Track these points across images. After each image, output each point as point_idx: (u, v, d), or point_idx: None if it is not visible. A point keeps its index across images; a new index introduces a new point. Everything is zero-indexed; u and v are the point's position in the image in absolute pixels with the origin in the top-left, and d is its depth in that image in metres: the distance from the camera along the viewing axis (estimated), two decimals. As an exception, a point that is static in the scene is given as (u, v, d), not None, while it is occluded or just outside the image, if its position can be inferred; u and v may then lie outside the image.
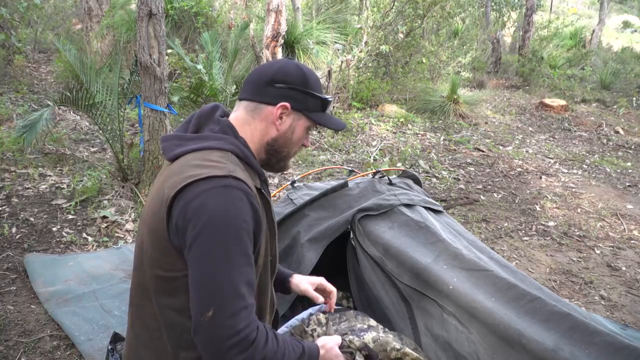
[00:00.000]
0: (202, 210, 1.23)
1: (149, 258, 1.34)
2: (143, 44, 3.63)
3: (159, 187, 1.36)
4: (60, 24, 9.42)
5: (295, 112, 1.47)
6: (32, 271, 2.99)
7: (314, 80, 1.51)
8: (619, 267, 3.77)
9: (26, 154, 4.60)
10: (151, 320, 1.38)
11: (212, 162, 1.32)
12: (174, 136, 1.44)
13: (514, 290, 1.85)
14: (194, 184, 1.26)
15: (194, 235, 1.23)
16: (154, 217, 1.32)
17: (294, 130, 1.49)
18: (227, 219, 1.24)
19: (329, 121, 1.53)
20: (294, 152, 1.54)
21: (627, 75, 12.67)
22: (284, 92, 1.45)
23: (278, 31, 6.74)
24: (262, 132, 1.47)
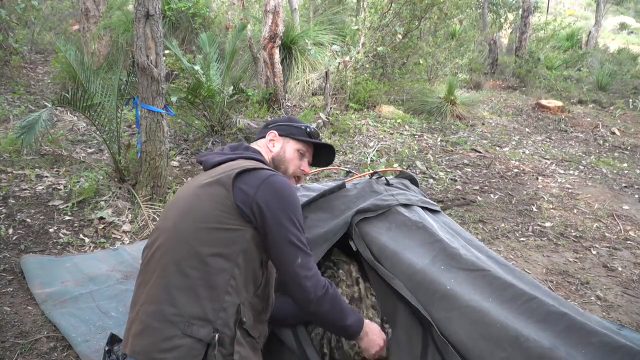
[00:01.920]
0: (278, 189, 1.66)
1: (206, 216, 1.64)
2: (140, 45, 3.62)
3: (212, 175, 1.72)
4: (57, 25, 9.41)
5: (282, 137, 1.98)
6: (28, 272, 2.98)
7: (297, 119, 2.07)
8: (615, 267, 3.78)
9: (23, 155, 4.59)
10: (194, 271, 1.60)
11: (264, 165, 1.78)
12: (212, 153, 1.88)
13: (511, 290, 1.85)
14: (260, 170, 1.70)
15: (274, 208, 1.64)
16: (215, 186, 1.67)
17: (285, 151, 1.96)
18: (296, 198, 1.72)
19: (314, 141, 2.01)
20: (292, 171, 1.96)
21: (623, 76, 12.71)
22: (273, 127, 2.01)
23: (275, 32, 6.75)
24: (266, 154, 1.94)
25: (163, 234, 1.71)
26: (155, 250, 1.70)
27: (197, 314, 1.57)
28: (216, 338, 1.56)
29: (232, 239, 1.64)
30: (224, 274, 1.61)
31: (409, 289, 1.92)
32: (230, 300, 1.61)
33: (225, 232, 1.63)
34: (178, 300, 1.58)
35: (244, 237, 1.65)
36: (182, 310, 1.57)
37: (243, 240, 1.64)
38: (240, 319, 1.63)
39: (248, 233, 1.65)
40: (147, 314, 1.60)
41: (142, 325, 1.60)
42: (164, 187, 4.04)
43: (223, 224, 1.63)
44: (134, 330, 1.63)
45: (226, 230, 1.63)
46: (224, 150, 1.89)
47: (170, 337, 1.56)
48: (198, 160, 1.91)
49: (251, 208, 1.63)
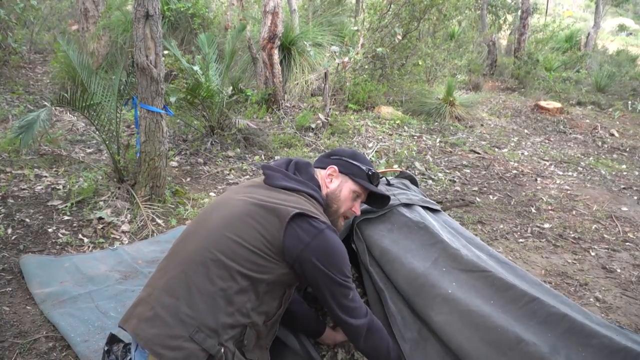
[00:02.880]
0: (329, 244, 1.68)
1: (250, 236, 1.65)
2: (140, 45, 3.62)
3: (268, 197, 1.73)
4: (56, 25, 9.40)
5: (342, 175, 1.96)
6: (27, 272, 2.98)
7: (361, 156, 2.03)
8: (613, 269, 3.78)
9: (22, 154, 4.59)
10: (221, 282, 1.60)
11: (319, 212, 1.78)
12: (278, 170, 1.87)
13: (512, 292, 1.85)
14: (317, 219, 1.70)
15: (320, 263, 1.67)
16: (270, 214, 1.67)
17: (341, 190, 1.94)
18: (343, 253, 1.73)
19: (373, 186, 1.99)
20: (343, 211, 1.94)
21: (622, 78, 12.73)
22: (335, 160, 1.99)
23: (275, 33, 6.76)
24: (322, 188, 1.93)
25: (204, 230, 1.72)
26: (191, 241, 1.71)
27: (209, 323, 1.57)
28: (222, 351, 1.58)
29: (265, 269, 1.66)
30: (244, 295, 1.63)
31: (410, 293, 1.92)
32: (241, 320, 1.63)
33: (261, 259, 1.65)
34: (196, 303, 1.58)
35: (276, 272, 1.68)
36: (197, 315, 1.57)
37: (274, 273, 1.67)
38: (242, 340, 1.65)
39: (281, 270, 1.69)
40: (162, 304, 1.60)
41: (153, 313, 1.60)
42: (163, 187, 4.04)
43: (263, 252, 1.65)
44: (143, 312, 1.62)
45: (264, 259, 1.66)
46: (289, 170, 1.88)
47: (177, 336, 1.55)
48: (262, 168, 1.90)
49: (297, 256, 1.66)
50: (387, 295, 1.94)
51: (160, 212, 3.90)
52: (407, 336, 1.79)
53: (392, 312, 1.88)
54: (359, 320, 1.74)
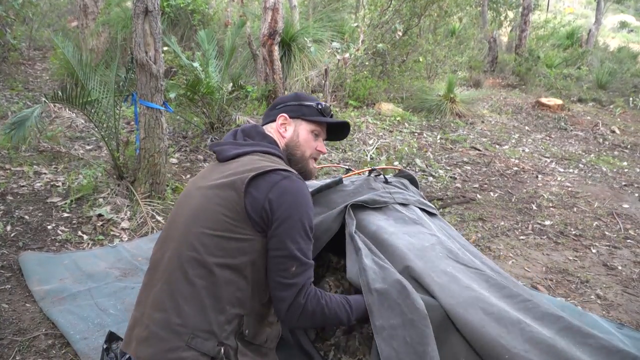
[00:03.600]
0: (288, 194, 1.57)
1: (214, 222, 1.56)
2: (139, 41, 3.61)
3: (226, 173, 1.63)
4: (55, 21, 9.37)
5: (293, 119, 1.86)
6: (27, 269, 2.97)
7: (305, 95, 1.91)
8: (615, 266, 3.77)
9: (21, 151, 4.57)
10: (200, 280, 1.54)
11: (280, 163, 1.69)
12: (226, 142, 1.78)
13: (506, 290, 1.83)
14: (275, 171, 1.59)
15: (284, 215, 1.54)
16: (226, 189, 1.58)
17: (298, 134, 1.84)
18: (307, 203, 1.61)
19: (327, 120, 1.87)
20: (309, 154, 1.86)
21: (623, 74, 12.70)
22: (282, 109, 1.87)
23: (275, 29, 6.73)
24: (279, 140, 1.83)
25: (172, 235, 1.65)
26: (164, 251, 1.64)
27: (201, 326, 1.52)
28: (222, 352, 1.53)
29: (240, 250, 1.57)
30: (230, 286, 1.56)
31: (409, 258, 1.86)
32: (234, 312, 1.57)
33: (233, 242, 1.56)
34: (183, 309, 1.53)
35: (254, 248, 1.58)
36: (187, 321, 1.52)
37: (252, 251, 1.57)
38: (241, 331, 1.59)
39: (258, 243, 1.58)
40: (154, 321, 1.56)
41: (147, 332, 1.57)
42: (162, 184, 4.02)
43: (232, 233, 1.56)
44: (139, 334, 1.59)
45: (235, 240, 1.56)
46: (238, 139, 1.79)
47: (174, 348, 1.51)
48: (211, 148, 1.80)
49: (261, 214, 1.55)
50: (363, 253, 1.86)
51: (160, 209, 3.89)
52: (374, 287, 1.71)
53: (364, 266, 1.77)
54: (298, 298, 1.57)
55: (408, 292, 1.66)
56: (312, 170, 1.90)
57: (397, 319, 1.62)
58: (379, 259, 1.84)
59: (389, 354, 1.58)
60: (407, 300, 1.64)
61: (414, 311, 1.62)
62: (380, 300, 1.67)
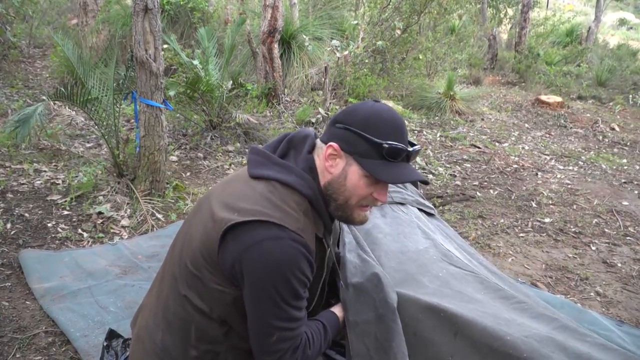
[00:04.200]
0: (265, 260, 1.26)
1: (193, 257, 1.37)
2: (139, 39, 3.60)
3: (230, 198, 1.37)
4: (55, 19, 9.36)
5: (345, 154, 1.37)
6: (27, 267, 2.97)
7: (377, 123, 1.34)
8: (614, 263, 3.77)
9: (21, 149, 4.57)
10: (178, 309, 1.43)
11: (289, 207, 1.33)
12: (262, 153, 1.44)
13: (502, 292, 1.83)
14: (264, 224, 1.28)
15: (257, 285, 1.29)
16: (213, 228, 1.33)
17: (346, 176, 1.37)
18: (289, 269, 1.28)
19: (383, 172, 1.33)
20: (356, 202, 1.40)
21: (622, 72, 12.69)
22: (339, 132, 1.37)
23: (275, 27, 6.72)
24: (322, 173, 1.42)
25: (177, 244, 1.52)
26: (168, 258, 1.55)
27: (176, 356, 1.44)
28: None
29: (212, 298, 1.38)
30: (200, 325, 1.41)
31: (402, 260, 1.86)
32: (207, 348, 1.43)
33: (206, 287, 1.37)
34: (163, 335, 1.46)
35: (225, 301, 1.37)
36: (164, 347, 1.46)
37: (224, 304, 1.38)
38: None
39: (230, 297, 1.36)
40: (145, 327, 1.54)
41: (138, 334, 1.57)
42: (162, 182, 4.02)
43: (205, 277, 1.36)
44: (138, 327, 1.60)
45: (207, 287, 1.36)
46: (278, 153, 1.46)
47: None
48: (249, 151, 1.50)
49: (231, 272, 1.32)
50: (347, 248, 1.84)
51: (160, 207, 3.89)
52: (351, 282, 1.68)
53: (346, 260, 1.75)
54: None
55: (383, 286, 1.62)
56: (358, 219, 1.45)
57: (370, 314, 1.59)
58: (363, 252, 1.80)
59: (360, 349, 1.56)
60: (380, 294, 1.60)
61: (384, 305, 1.58)
62: (356, 294, 1.63)
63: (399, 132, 1.36)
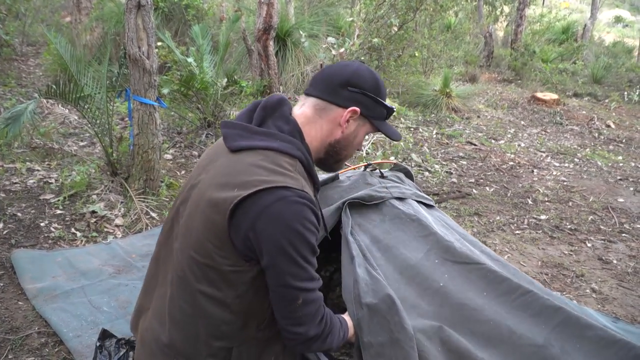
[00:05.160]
0: (279, 221, 1.28)
1: (199, 246, 1.36)
2: (131, 36, 3.57)
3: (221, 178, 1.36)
4: (48, 17, 9.31)
5: (362, 117, 1.52)
6: (19, 267, 2.95)
7: (384, 89, 1.56)
8: (610, 260, 3.77)
9: (13, 148, 4.54)
10: (188, 306, 1.40)
11: (285, 169, 1.35)
12: (238, 125, 1.44)
13: (506, 284, 1.83)
14: (269, 190, 1.29)
15: (274, 247, 1.29)
16: (214, 210, 1.32)
17: (356, 135, 1.55)
18: (303, 224, 1.31)
19: (389, 130, 1.59)
20: (351, 154, 1.61)
21: (618, 69, 12.73)
22: (357, 96, 1.48)
23: (270, 24, 6.69)
24: (327, 132, 1.51)
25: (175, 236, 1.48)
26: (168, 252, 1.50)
27: (186, 352, 1.43)
28: None
29: (226, 281, 1.36)
30: (214, 319, 1.39)
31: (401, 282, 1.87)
32: (219, 345, 1.42)
33: (219, 273, 1.36)
34: (171, 332, 1.44)
35: (243, 279, 1.36)
36: (173, 344, 1.44)
37: (241, 283, 1.37)
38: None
39: (248, 274, 1.36)
40: (151, 329, 1.51)
41: (142, 338, 1.55)
42: (156, 180, 4.00)
43: (218, 263, 1.34)
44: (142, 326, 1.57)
45: (220, 271, 1.35)
46: (254, 120, 1.45)
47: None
48: (222, 125, 1.49)
49: (246, 244, 1.32)
50: (357, 262, 1.84)
51: (154, 206, 3.87)
52: (365, 302, 1.68)
53: (358, 277, 1.76)
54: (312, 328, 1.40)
55: (397, 309, 1.62)
56: (341, 167, 1.67)
57: (384, 336, 1.58)
58: (371, 267, 1.80)
59: None
60: (395, 318, 1.60)
61: (401, 330, 1.58)
62: (370, 315, 1.62)
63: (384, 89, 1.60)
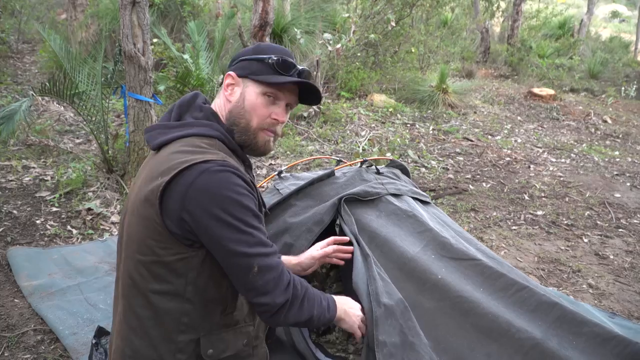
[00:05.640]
0: (207, 192, 1.26)
1: (141, 246, 1.34)
2: (127, 32, 3.56)
3: (147, 176, 1.35)
4: (44, 14, 9.27)
5: (242, 79, 1.47)
6: (15, 265, 2.94)
7: (266, 47, 1.50)
8: (606, 255, 3.78)
9: (9, 145, 4.52)
10: (143, 310, 1.37)
11: (203, 148, 1.34)
12: (158, 125, 1.45)
13: (502, 280, 1.84)
14: (190, 167, 1.27)
15: (209, 220, 1.26)
16: (145, 205, 1.31)
17: (244, 98, 1.45)
18: (232, 188, 1.28)
19: (279, 79, 1.44)
20: (257, 124, 1.46)
21: (615, 64, 12.74)
22: (237, 65, 1.50)
23: (266, 20, 6.67)
24: (222, 106, 1.49)
25: (120, 252, 1.46)
26: (119, 268, 1.48)
27: (152, 357, 1.38)
28: None
29: (175, 273, 1.33)
30: (173, 314, 1.36)
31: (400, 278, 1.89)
32: (185, 338, 1.38)
33: (166, 266, 1.33)
34: (133, 342, 1.40)
35: (191, 266, 1.33)
36: (138, 354, 1.40)
37: (190, 270, 1.33)
38: (201, 354, 1.40)
39: (195, 259, 1.33)
40: (116, 350, 1.46)
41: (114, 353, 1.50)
42: (153, 177, 3.98)
43: (162, 257, 1.31)
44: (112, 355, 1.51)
45: (166, 264, 1.32)
46: (173, 117, 1.47)
47: None
48: (144, 131, 1.49)
49: (183, 227, 1.28)
50: (372, 260, 1.86)
51: (151, 203, 3.86)
52: (382, 301, 1.70)
53: (374, 275, 1.78)
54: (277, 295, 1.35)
55: (410, 315, 1.67)
56: (262, 144, 1.49)
57: (397, 338, 1.61)
58: (381, 271, 1.83)
59: None
60: (409, 323, 1.65)
61: (416, 335, 1.63)
62: (386, 315, 1.65)
63: (286, 52, 1.51)
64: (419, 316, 1.77)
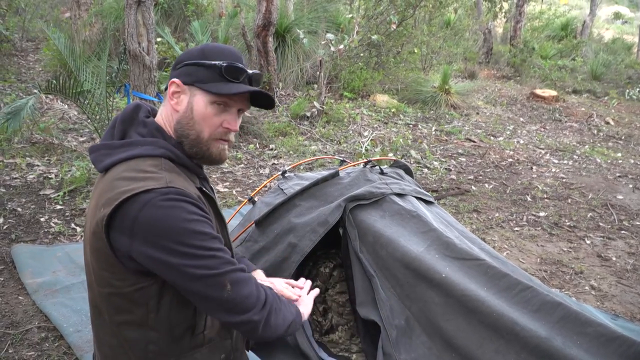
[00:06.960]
0: (154, 227, 1.17)
1: (98, 278, 1.28)
2: (132, 32, 3.57)
3: (96, 203, 1.27)
4: (48, 12, 9.29)
5: (188, 86, 1.34)
6: (19, 262, 2.95)
7: (213, 50, 1.36)
8: (609, 257, 3.78)
9: (13, 143, 4.54)
10: (111, 339, 1.33)
11: (146, 172, 1.24)
12: (102, 145, 1.34)
13: (506, 280, 1.85)
14: (131, 199, 1.18)
15: (161, 255, 1.18)
16: (95, 237, 1.23)
17: (192, 108, 1.33)
18: (181, 224, 1.19)
19: (224, 88, 1.33)
20: (208, 134, 1.35)
21: (617, 66, 12.72)
22: (180, 70, 1.36)
23: (269, 20, 6.68)
24: (168, 117, 1.37)
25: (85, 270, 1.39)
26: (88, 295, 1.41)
27: None
28: None
29: (134, 303, 1.27)
30: (139, 343, 1.31)
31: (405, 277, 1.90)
32: None
33: (124, 298, 1.26)
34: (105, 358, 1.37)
35: (149, 295, 1.26)
36: None
37: (149, 299, 1.27)
38: None
39: (154, 287, 1.26)
40: None
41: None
42: (156, 176, 4.00)
43: (120, 288, 1.25)
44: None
45: (124, 295, 1.26)
46: (116, 135, 1.36)
47: None
48: (89, 151, 1.39)
49: (135, 261, 1.22)
50: (378, 282, 1.90)
51: (154, 201, 3.87)
52: (395, 323, 1.76)
53: (382, 298, 1.83)
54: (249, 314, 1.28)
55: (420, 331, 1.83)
56: (216, 154, 1.39)
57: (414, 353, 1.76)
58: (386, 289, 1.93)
59: None
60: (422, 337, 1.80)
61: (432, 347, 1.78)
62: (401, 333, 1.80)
63: (235, 56, 1.38)
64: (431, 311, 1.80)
